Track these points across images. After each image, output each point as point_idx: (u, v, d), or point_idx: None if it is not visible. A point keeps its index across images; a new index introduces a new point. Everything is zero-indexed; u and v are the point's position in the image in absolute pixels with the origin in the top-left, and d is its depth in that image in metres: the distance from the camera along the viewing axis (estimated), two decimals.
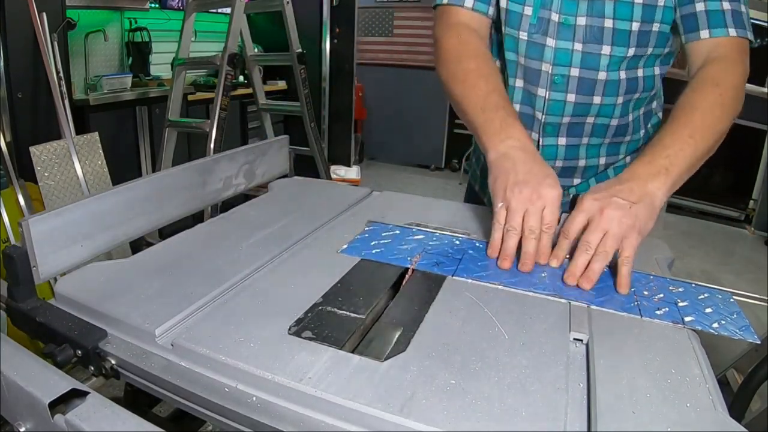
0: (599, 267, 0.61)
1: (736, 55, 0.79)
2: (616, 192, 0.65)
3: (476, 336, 0.50)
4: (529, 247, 0.64)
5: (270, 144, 0.98)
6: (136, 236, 0.71)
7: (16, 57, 2.15)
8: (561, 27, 0.84)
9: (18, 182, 1.96)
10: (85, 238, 0.63)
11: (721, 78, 0.76)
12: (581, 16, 0.82)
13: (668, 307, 0.58)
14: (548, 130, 0.90)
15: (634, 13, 0.81)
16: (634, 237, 0.62)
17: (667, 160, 0.68)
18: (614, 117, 0.89)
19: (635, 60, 0.85)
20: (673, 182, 0.68)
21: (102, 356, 0.50)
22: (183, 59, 2.49)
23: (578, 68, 0.85)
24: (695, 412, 0.40)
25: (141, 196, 0.71)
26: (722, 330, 0.55)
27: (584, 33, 0.83)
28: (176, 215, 0.78)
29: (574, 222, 0.64)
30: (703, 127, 0.72)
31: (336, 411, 0.41)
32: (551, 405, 0.41)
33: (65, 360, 0.49)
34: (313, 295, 0.56)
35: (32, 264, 0.55)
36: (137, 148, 2.90)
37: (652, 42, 0.84)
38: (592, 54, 0.84)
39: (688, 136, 0.70)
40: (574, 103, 0.87)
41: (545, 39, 0.85)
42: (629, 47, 0.83)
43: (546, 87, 0.87)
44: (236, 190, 0.90)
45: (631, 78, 0.86)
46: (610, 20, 0.81)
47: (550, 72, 0.86)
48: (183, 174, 0.79)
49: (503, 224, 0.66)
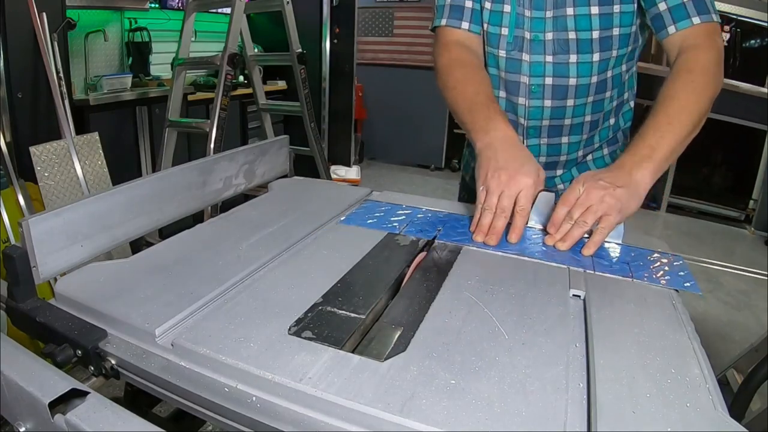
0: (578, 234, 0.71)
1: (704, 39, 0.84)
2: (602, 177, 0.73)
3: (476, 336, 0.50)
4: (497, 224, 0.73)
5: (270, 144, 0.98)
6: (136, 236, 0.71)
7: (16, 57, 2.15)
8: (533, 43, 0.93)
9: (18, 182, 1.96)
10: (85, 238, 0.63)
11: (692, 64, 0.82)
12: (549, 32, 0.92)
13: (620, 266, 0.68)
14: (531, 132, 1.00)
15: (592, 24, 0.89)
16: (613, 215, 0.70)
17: (649, 148, 0.76)
18: (587, 114, 0.98)
19: (603, 63, 0.93)
20: (656, 167, 0.75)
21: (102, 356, 0.50)
22: (183, 59, 2.49)
23: (551, 77, 0.94)
24: (695, 412, 0.40)
25: (141, 196, 0.71)
26: (669, 284, 0.63)
27: (553, 46, 0.92)
28: (176, 215, 0.78)
29: (570, 195, 0.73)
30: (679, 112, 0.79)
31: (336, 411, 0.41)
32: (551, 405, 0.41)
33: (65, 360, 0.49)
34: (313, 295, 0.56)
35: (32, 264, 0.55)
36: (137, 148, 2.90)
37: (615, 45, 0.92)
38: (561, 64, 0.93)
39: (667, 123, 0.78)
40: (551, 108, 0.96)
41: (521, 54, 0.94)
42: (593, 53, 0.91)
43: (525, 96, 0.97)
44: (236, 190, 0.90)
45: (600, 81, 0.95)
46: (573, 32, 0.90)
47: (527, 83, 0.95)
48: (183, 174, 0.79)
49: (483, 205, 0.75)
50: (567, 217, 0.72)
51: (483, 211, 0.74)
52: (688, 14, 0.84)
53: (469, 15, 0.97)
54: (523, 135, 1.00)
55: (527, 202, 0.73)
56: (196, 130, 2.45)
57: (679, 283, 0.64)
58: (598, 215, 0.70)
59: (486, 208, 0.74)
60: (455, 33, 0.98)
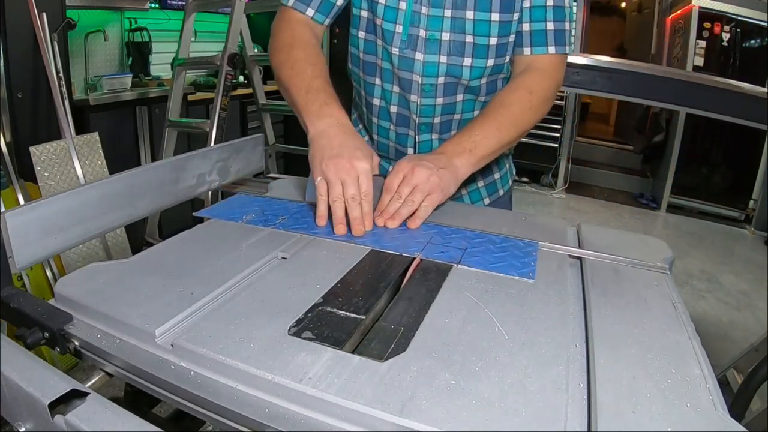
0: (406, 212, 0.76)
1: (551, 68, 0.92)
2: (425, 158, 0.79)
3: (476, 336, 0.50)
4: (355, 212, 0.74)
5: (245, 142, 0.99)
6: (110, 230, 0.74)
7: (16, 57, 2.15)
8: (428, 42, 0.91)
9: (18, 182, 1.96)
10: (60, 230, 0.65)
11: (535, 86, 0.90)
12: (446, 32, 0.90)
13: (453, 251, 0.69)
14: (422, 128, 0.99)
15: (491, 30, 0.89)
16: (437, 193, 0.77)
17: (473, 144, 0.83)
18: (476, 110, 0.99)
19: (497, 68, 0.94)
20: (476, 161, 0.83)
21: (66, 338, 0.52)
22: (183, 59, 2.49)
23: (444, 77, 0.93)
24: (695, 412, 0.40)
25: (114, 191, 0.73)
26: (499, 270, 0.64)
27: (448, 47, 0.91)
28: (149, 210, 0.79)
29: (393, 179, 0.78)
30: (509, 123, 0.87)
31: (336, 411, 0.41)
32: (551, 405, 0.41)
33: (35, 342, 0.52)
34: (313, 295, 0.56)
35: (8, 255, 0.58)
36: (137, 148, 2.90)
37: (509, 51, 0.93)
38: (455, 65, 0.92)
39: (495, 128, 0.85)
40: (443, 105, 0.96)
41: (414, 54, 0.92)
42: (488, 59, 0.92)
43: (417, 94, 0.95)
44: (210, 186, 0.92)
45: (490, 82, 0.96)
46: (471, 36, 0.89)
47: (420, 82, 0.94)
48: (155, 171, 0.80)
49: (325, 196, 0.76)
50: (396, 195, 0.76)
51: (334, 203, 0.74)
52: (546, 42, 0.90)
53: (318, 3, 0.95)
54: (415, 131, 0.99)
55: (368, 187, 0.75)
56: (196, 130, 2.45)
57: (513, 270, 0.64)
58: (425, 194, 0.76)
59: (336, 199, 0.74)
60: (299, 16, 0.97)
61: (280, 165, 3.52)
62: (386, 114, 1.01)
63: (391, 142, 1.04)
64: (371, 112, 1.03)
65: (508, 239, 0.74)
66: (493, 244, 0.72)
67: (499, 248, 0.71)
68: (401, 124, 1.00)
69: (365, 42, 0.99)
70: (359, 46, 1.01)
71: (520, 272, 0.64)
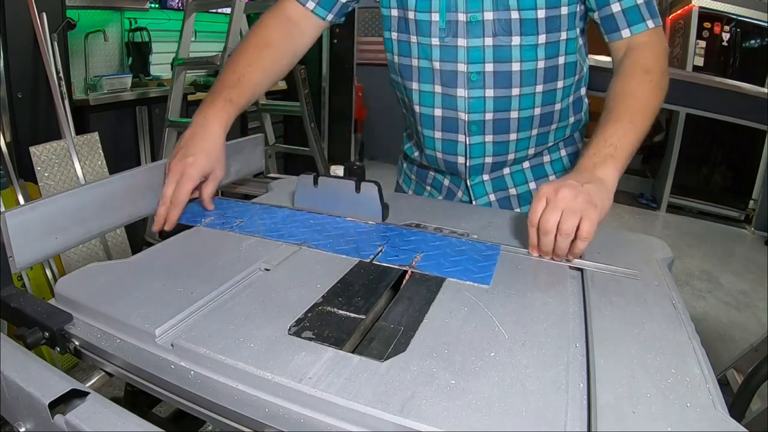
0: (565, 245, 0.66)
1: (657, 40, 0.84)
2: (568, 177, 0.69)
3: (476, 336, 0.50)
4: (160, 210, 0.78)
5: (244, 142, 0.99)
6: (110, 230, 0.75)
7: (16, 57, 2.15)
8: (470, 26, 0.85)
9: (18, 182, 1.96)
10: (60, 230, 0.65)
11: (650, 65, 0.82)
12: (487, 11, 0.84)
13: (407, 255, 0.67)
14: (473, 129, 0.91)
15: (537, 2, 0.82)
16: (592, 211, 0.65)
17: (612, 147, 0.73)
18: (536, 106, 0.90)
19: (552, 48, 0.86)
20: (621, 165, 0.73)
21: (67, 337, 0.52)
22: (183, 59, 2.50)
23: (492, 63, 0.86)
24: (695, 412, 0.40)
25: (114, 191, 0.73)
26: (453, 275, 0.62)
27: (493, 27, 0.84)
28: (149, 210, 0.80)
29: (537, 206, 0.67)
30: (641, 111, 0.78)
31: (336, 411, 0.41)
32: (551, 405, 0.41)
33: (35, 342, 0.52)
34: (313, 295, 0.56)
35: (9, 255, 0.58)
36: (137, 148, 2.90)
37: (564, 25, 0.86)
38: (503, 47, 0.85)
39: (629, 121, 0.76)
40: (494, 98, 0.88)
41: (456, 40, 0.86)
42: (539, 34, 0.84)
43: (464, 86, 0.88)
44: None
45: (549, 66, 0.88)
46: (516, 11, 0.83)
47: (465, 71, 0.87)
48: (155, 171, 0.81)
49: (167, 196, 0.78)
50: (542, 230, 0.66)
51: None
52: (642, 18, 0.83)
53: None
54: (465, 133, 0.92)
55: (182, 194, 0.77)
56: None
57: (468, 275, 0.62)
58: (578, 215, 0.64)
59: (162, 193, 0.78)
60: (297, 8, 0.94)
61: (280, 165, 3.52)
62: (429, 121, 0.95)
63: (438, 152, 0.97)
64: (416, 121, 0.97)
65: (467, 242, 0.72)
66: (451, 248, 0.70)
67: (456, 252, 0.69)
68: (447, 128, 0.93)
69: (398, 44, 0.95)
70: (393, 49, 0.96)
71: (475, 277, 0.62)
